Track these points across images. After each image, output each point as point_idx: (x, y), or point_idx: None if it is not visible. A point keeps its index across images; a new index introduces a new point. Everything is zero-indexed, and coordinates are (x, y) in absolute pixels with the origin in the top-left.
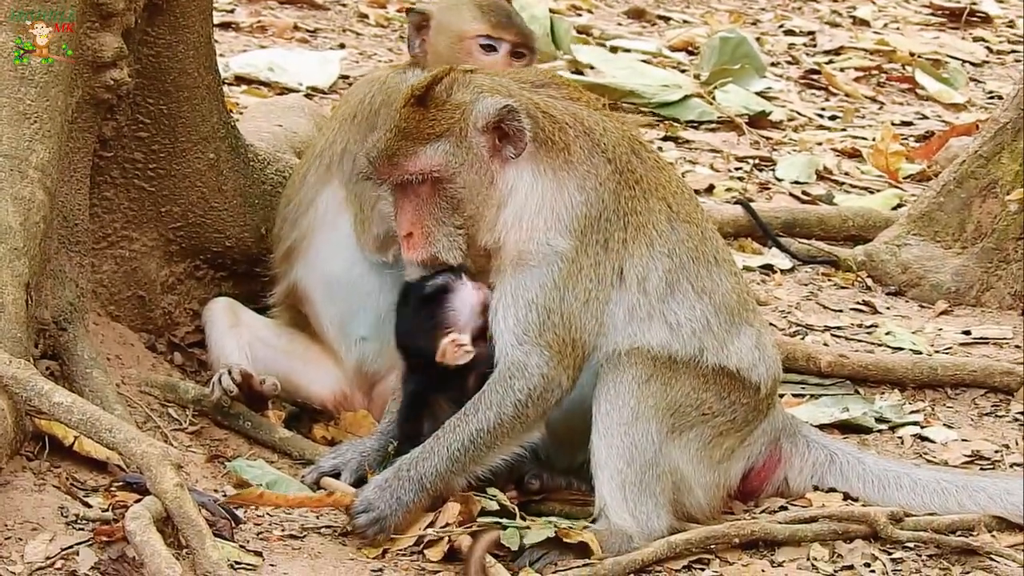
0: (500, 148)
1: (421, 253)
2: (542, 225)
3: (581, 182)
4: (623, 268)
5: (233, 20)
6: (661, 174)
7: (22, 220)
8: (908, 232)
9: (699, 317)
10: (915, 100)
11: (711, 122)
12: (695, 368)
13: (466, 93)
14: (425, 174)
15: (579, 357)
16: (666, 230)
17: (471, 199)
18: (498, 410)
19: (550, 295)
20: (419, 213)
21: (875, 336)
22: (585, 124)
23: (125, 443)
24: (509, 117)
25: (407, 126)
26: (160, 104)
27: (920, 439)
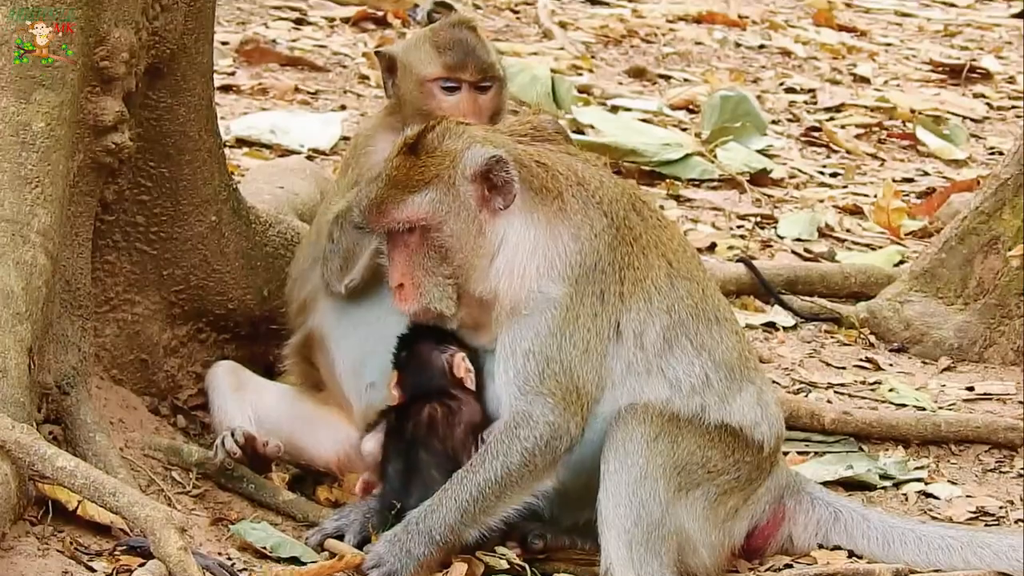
0: (489, 199)
1: (412, 305)
2: (534, 272)
3: (576, 231)
4: (620, 322)
5: (234, 83)
6: (662, 232)
7: (24, 284)
8: (910, 289)
9: (698, 373)
10: (916, 157)
11: (712, 180)
12: (699, 426)
13: (457, 142)
14: (413, 223)
15: (584, 405)
16: (665, 287)
17: (459, 248)
18: (505, 460)
19: (546, 343)
20: (409, 263)
21: (878, 393)
22: (580, 176)
23: (129, 507)
24: (497, 167)
25: (397, 175)
26: (162, 167)
27: (924, 496)
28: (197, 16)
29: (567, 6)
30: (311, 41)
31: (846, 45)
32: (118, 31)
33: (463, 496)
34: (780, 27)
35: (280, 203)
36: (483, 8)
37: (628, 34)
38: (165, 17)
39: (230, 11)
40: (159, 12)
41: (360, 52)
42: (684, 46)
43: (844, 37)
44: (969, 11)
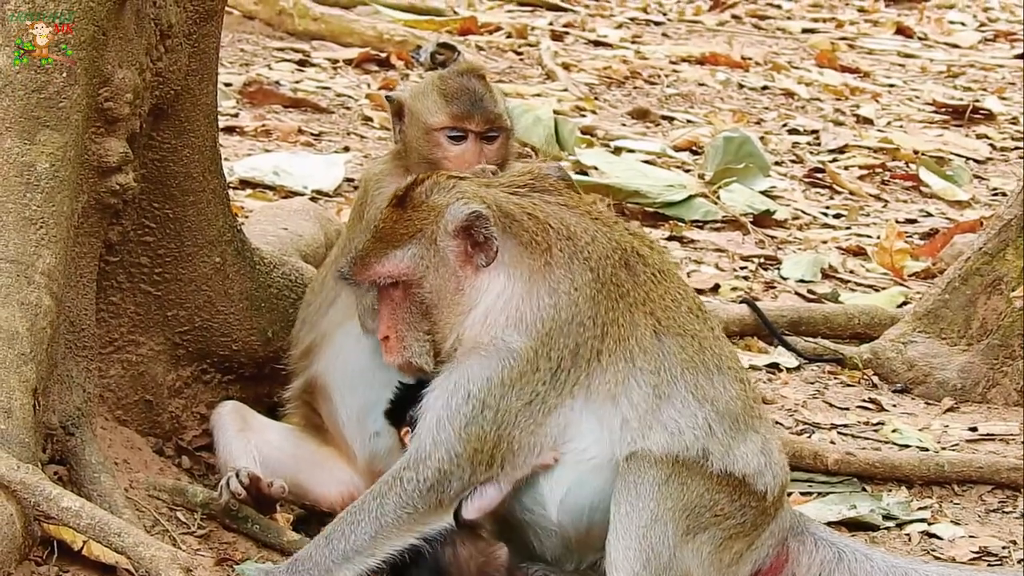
0: (472, 255)
1: (396, 358)
2: (503, 321)
3: (555, 285)
4: (591, 382)
5: (238, 124)
6: (654, 288)
7: (29, 326)
8: (914, 329)
9: (701, 424)
10: (919, 198)
11: (716, 221)
12: (704, 472)
13: (443, 196)
14: (395, 277)
15: (501, 454)
16: (651, 344)
17: (438, 304)
18: (380, 503)
19: (492, 391)
20: (394, 317)
21: (881, 433)
22: (571, 230)
23: (134, 547)
24: (478, 224)
25: (384, 228)
26: (166, 208)
27: (927, 536)
28: (200, 57)
29: (570, 48)
30: (314, 83)
31: (849, 86)
32: (122, 72)
33: (348, 545)
34: (783, 68)
35: (284, 244)
36: (486, 50)
37: (631, 75)
38: (169, 58)
39: (233, 52)
40: (163, 53)
41: (363, 94)
42: (687, 87)
43: (847, 78)
44: (972, 52)
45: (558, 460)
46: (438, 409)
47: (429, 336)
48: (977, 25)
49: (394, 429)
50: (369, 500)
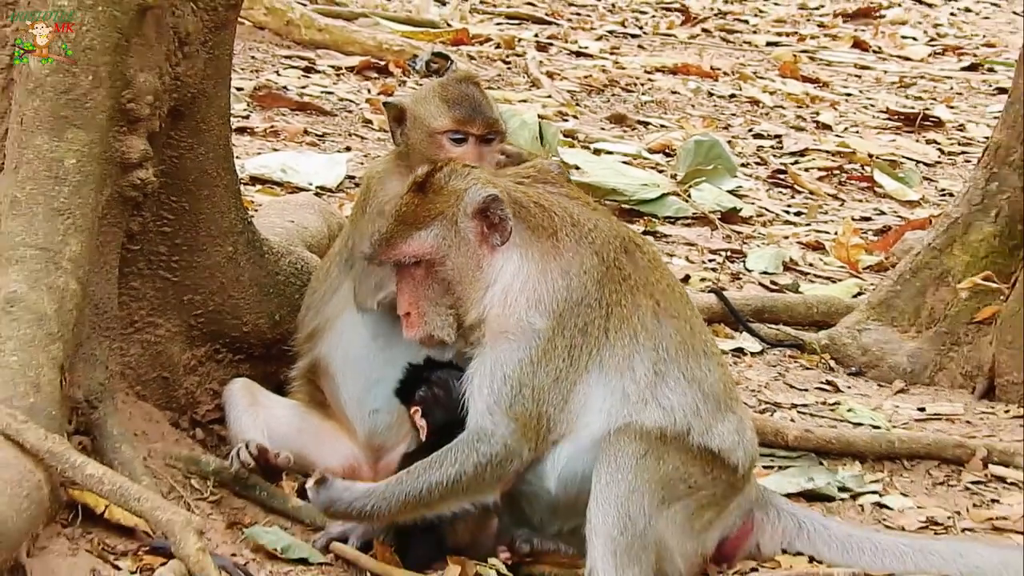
0: (488, 236)
1: (418, 332)
2: (524, 303)
3: (566, 267)
4: (602, 356)
5: (248, 125)
6: (651, 273)
7: (56, 308)
8: (868, 318)
9: (690, 404)
10: (873, 197)
11: (687, 218)
12: (683, 446)
13: (461, 182)
14: (419, 256)
15: (543, 430)
16: (652, 325)
17: (460, 280)
18: (460, 468)
19: (525, 370)
20: (415, 294)
21: (837, 413)
22: (575, 218)
23: (152, 511)
24: (494, 206)
25: (406, 211)
26: (182, 201)
27: (879, 507)
28: (215, 63)
29: (554, 58)
30: (319, 88)
31: (810, 95)
32: (143, 76)
33: (413, 490)
34: (749, 78)
35: (291, 236)
36: (477, 59)
37: (610, 83)
38: (186, 64)
39: (245, 60)
40: (181, 59)
41: (364, 98)
42: (661, 95)
43: (808, 88)
44: (923, 64)
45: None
46: (484, 395)
47: (452, 310)
48: (927, 40)
49: (403, 407)
50: (447, 465)
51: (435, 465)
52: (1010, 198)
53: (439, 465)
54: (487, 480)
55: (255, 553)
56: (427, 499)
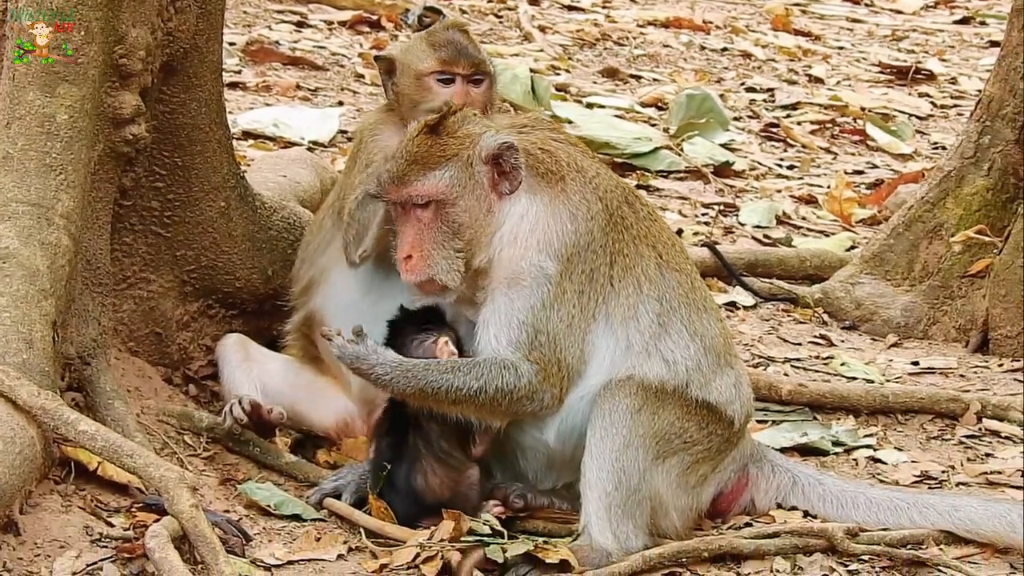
0: (498, 183)
1: (418, 275)
2: (535, 245)
3: (573, 211)
4: (608, 304)
5: (241, 80)
6: (653, 225)
7: (49, 264)
8: (861, 271)
9: (692, 356)
10: (866, 151)
11: (679, 172)
12: (680, 398)
13: (475, 127)
14: (430, 197)
15: (564, 378)
16: (655, 276)
17: (470, 224)
18: (483, 386)
19: (539, 315)
20: (420, 237)
21: (831, 367)
22: (579, 163)
23: (145, 468)
24: (508, 154)
25: (418, 151)
26: (175, 157)
27: (873, 461)
28: (207, 18)
29: (546, 11)
30: (311, 42)
31: (802, 48)
32: (135, 31)
33: (434, 383)
34: (741, 31)
35: (283, 191)
36: (469, 13)
37: (602, 37)
38: (178, 19)
39: (237, 14)
40: (173, 14)
41: (356, 53)
42: (653, 49)
43: (800, 41)
44: (915, 18)
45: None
46: (503, 343)
47: (460, 254)
48: None
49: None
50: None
51: (462, 371)
52: (1003, 151)
53: (465, 373)
54: (502, 408)
55: (248, 509)
56: (442, 397)
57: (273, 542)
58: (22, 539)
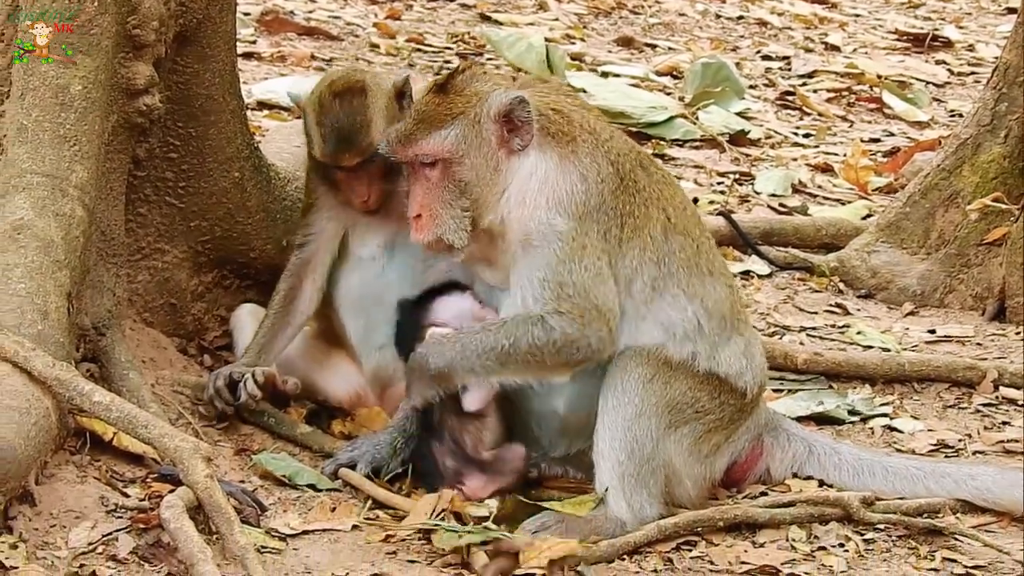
0: (508, 139)
1: (427, 234)
2: (544, 204)
3: (584, 172)
4: (616, 264)
5: (255, 50)
6: (666, 189)
7: (63, 235)
8: (877, 240)
9: (691, 318)
10: (882, 119)
11: (695, 140)
12: (689, 370)
13: (484, 85)
14: (437, 156)
15: (608, 320)
16: (660, 239)
17: (477, 183)
18: (513, 342)
19: (557, 270)
20: (428, 196)
21: (847, 335)
22: (591, 125)
23: (160, 438)
24: (519, 108)
25: (426, 110)
26: (189, 127)
27: (889, 430)
28: None
29: None
30: (326, 12)
31: (818, 16)
32: (149, 1)
33: (466, 347)
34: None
35: (297, 161)
36: None
37: (617, 6)
38: None
39: None
40: None
41: (371, 23)
42: (669, 17)
43: (816, 8)
44: None
45: None
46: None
47: (467, 213)
48: None
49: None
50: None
51: (491, 331)
52: (1019, 119)
53: (495, 332)
54: (548, 362)
55: (263, 479)
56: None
57: (288, 512)
58: (38, 509)
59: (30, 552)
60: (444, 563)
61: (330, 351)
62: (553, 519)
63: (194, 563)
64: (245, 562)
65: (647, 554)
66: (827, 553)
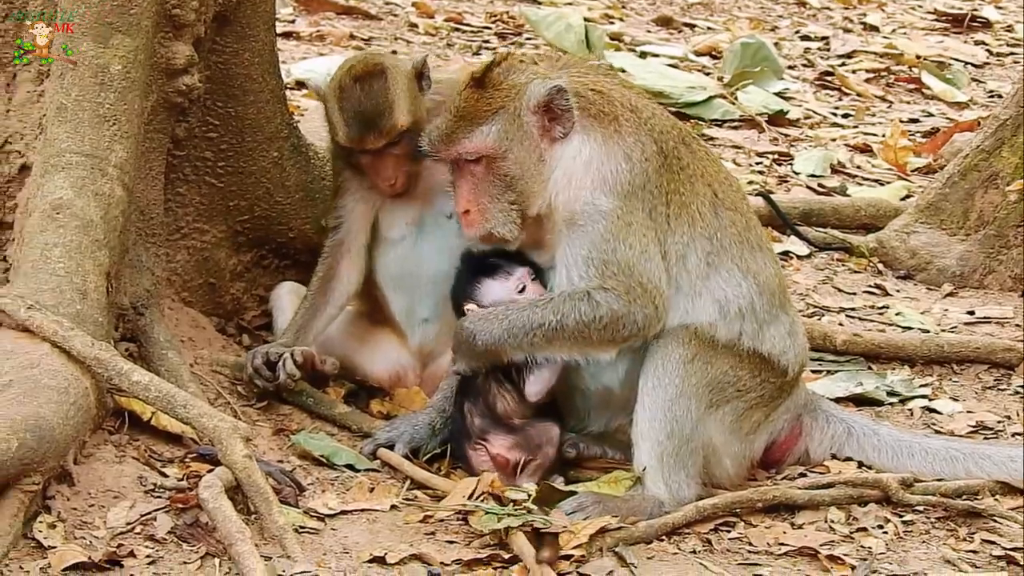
0: (550, 128)
1: (478, 229)
2: (588, 184)
3: (628, 152)
4: (665, 241)
5: (294, 30)
6: (710, 165)
7: (103, 214)
8: (916, 221)
9: (745, 295)
10: (921, 99)
11: (733, 121)
12: (733, 350)
13: (521, 76)
14: (480, 153)
15: (656, 297)
16: (709, 214)
17: (522, 176)
18: (560, 319)
19: (602, 248)
20: (475, 191)
21: (886, 316)
22: (633, 103)
23: (198, 418)
24: (558, 97)
25: (465, 106)
26: (228, 107)
27: (928, 411)
28: None
29: None
30: None
31: None
32: None
33: (512, 323)
34: None
35: None
36: None
37: None
38: None
39: None
40: None
41: (410, 2)
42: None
43: None
44: None
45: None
46: (575, 281)
47: (515, 206)
48: None
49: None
50: (551, 312)
51: (539, 307)
52: None
53: (543, 308)
54: (594, 339)
55: (302, 459)
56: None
57: (326, 492)
58: (76, 489)
59: (68, 532)
60: (482, 544)
61: (373, 330)
62: (590, 500)
63: (232, 543)
64: (283, 542)
65: (685, 535)
66: (866, 534)
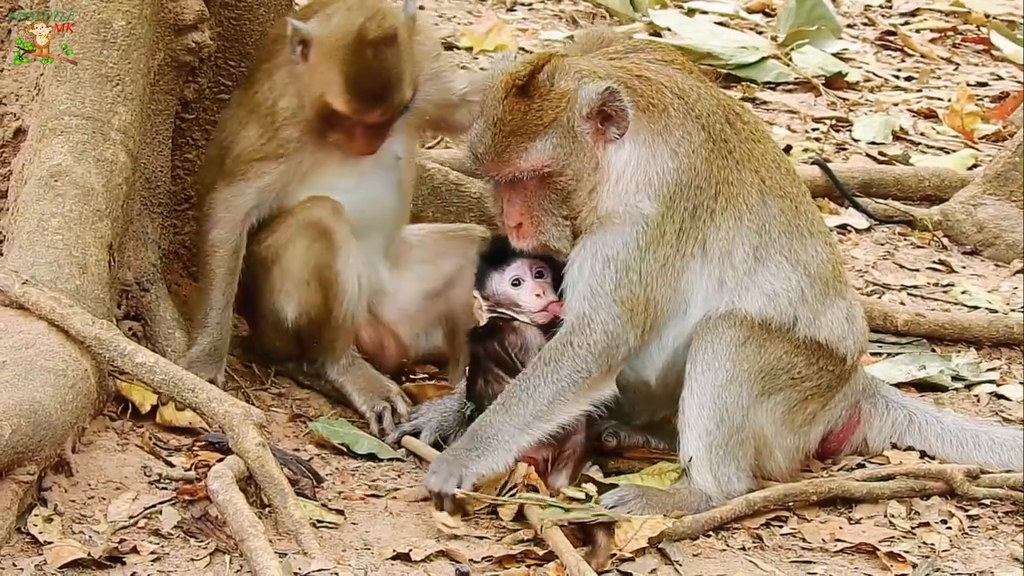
0: (604, 131)
1: (531, 242)
2: (633, 188)
3: (675, 148)
4: (706, 239)
5: None
6: (756, 146)
7: (105, 182)
8: (984, 192)
9: (795, 287)
10: (990, 61)
11: (788, 83)
12: (787, 335)
13: (568, 80)
14: (537, 170)
15: (651, 317)
16: (757, 205)
17: (579, 188)
18: (555, 368)
19: (632, 254)
20: (528, 205)
21: (951, 295)
22: (679, 86)
23: (208, 403)
24: (611, 99)
25: (513, 119)
26: (241, 66)
27: (996, 397)
28: None
29: None
30: None
31: None
32: None
33: (519, 407)
34: None
35: None
36: None
37: None
38: None
39: None
40: None
41: None
42: None
43: None
44: None
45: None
46: (585, 278)
47: (568, 220)
48: None
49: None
50: (542, 367)
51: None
52: None
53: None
54: (593, 374)
55: (320, 448)
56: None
57: (346, 483)
58: (74, 480)
59: (66, 526)
60: (514, 540)
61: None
62: (632, 493)
63: (244, 538)
64: (299, 537)
65: (734, 530)
66: (929, 530)
